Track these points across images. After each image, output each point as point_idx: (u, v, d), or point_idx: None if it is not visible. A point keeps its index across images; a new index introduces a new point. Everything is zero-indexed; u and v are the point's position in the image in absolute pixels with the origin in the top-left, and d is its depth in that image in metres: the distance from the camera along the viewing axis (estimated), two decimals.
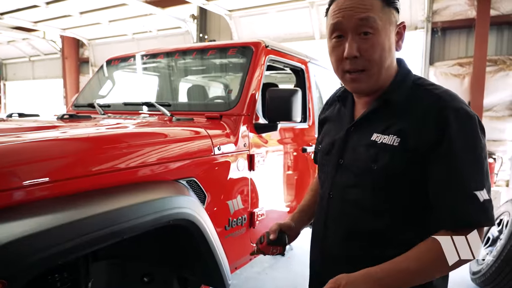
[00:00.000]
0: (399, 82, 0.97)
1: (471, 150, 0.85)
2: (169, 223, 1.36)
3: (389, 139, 0.91)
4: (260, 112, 2.29)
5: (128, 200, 1.24)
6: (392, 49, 0.95)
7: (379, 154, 0.92)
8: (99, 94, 3.05)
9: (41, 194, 1.10)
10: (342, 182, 1.02)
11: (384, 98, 0.96)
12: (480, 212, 0.83)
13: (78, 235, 1.04)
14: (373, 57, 0.92)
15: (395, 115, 0.93)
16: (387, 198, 0.93)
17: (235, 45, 2.53)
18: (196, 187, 1.78)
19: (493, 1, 4.56)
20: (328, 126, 1.20)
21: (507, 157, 4.73)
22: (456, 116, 0.85)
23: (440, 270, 0.88)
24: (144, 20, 7.40)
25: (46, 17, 7.60)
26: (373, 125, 0.97)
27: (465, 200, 0.83)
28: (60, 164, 1.18)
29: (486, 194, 0.84)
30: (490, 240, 3.28)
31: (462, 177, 0.84)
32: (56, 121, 1.86)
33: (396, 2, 0.95)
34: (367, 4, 0.90)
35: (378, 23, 0.90)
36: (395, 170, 0.90)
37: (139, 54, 2.98)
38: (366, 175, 0.95)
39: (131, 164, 1.42)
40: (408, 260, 0.86)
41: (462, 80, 4.86)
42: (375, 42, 0.91)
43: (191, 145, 1.79)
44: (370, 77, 0.94)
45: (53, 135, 1.35)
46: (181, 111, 2.38)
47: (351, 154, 1.01)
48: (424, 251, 0.86)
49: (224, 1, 6.06)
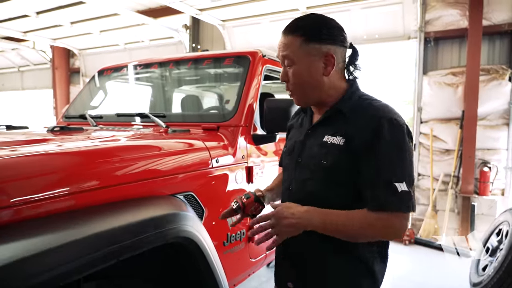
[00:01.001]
0: (347, 96, 1.20)
1: (396, 150, 1.06)
2: (167, 242, 1.29)
3: (337, 140, 1.14)
4: (258, 123, 2.23)
5: (123, 219, 1.16)
6: (313, 76, 1.17)
7: (328, 152, 1.14)
8: (90, 105, 2.96)
9: (29, 214, 1.02)
10: (300, 177, 1.24)
11: (335, 108, 1.20)
12: (395, 199, 1.03)
13: (66, 260, 0.95)
14: (293, 81, 1.19)
15: (343, 122, 1.15)
16: (336, 187, 1.14)
17: (231, 55, 2.48)
18: (194, 202, 1.70)
19: (485, 11, 4.60)
20: (292, 132, 1.43)
21: (502, 165, 4.73)
22: (389, 124, 1.07)
23: (361, 234, 1.09)
24: (136, 30, 7.33)
25: (36, 27, 7.48)
26: (325, 129, 1.20)
27: (384, 188, 1.05)
28: (50, 181, 1.10)
29: (405, 186, 1.04)
30: (490, 250, 3.25)
31: (384, 170, 1.05)
32: (46, 133, 1.78)
33: (319, 36, 1.15)
34: (288, 43, 1.17)
35: (294, 58, 1.16)
36: (340, 165, 1.12)
37: (132, 64, 2.91)
38: (319, 170, 1.17)
39: (126, 179, 1.34)
40: (341, 214, 1.09)
41: (455, 89, 4.88)
42: (294, 71, 1.18)
43: (188, 157, 1.72)
44: (297, 97, 1.22)
45: (43, 149, 1.27)
46: (176, 122, 2.32)
47: (307, 153, 1.23)
48: (355, 215, 1.08)
49: (217, 11, 6.04)
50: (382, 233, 1.08)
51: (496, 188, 4.77)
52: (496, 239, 3.26)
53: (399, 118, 1.10)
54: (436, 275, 3.71)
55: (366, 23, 5.43)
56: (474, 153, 4.68)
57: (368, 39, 5.46)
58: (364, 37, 5.45)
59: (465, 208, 4.77)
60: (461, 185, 4.80)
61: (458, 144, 4.82)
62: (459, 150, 4.83)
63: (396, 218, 1.05)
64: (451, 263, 4.13)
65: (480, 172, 4.73)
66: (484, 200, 4.64)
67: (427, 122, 5.17)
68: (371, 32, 5.45)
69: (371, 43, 5.45)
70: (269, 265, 3.64)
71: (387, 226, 1.05)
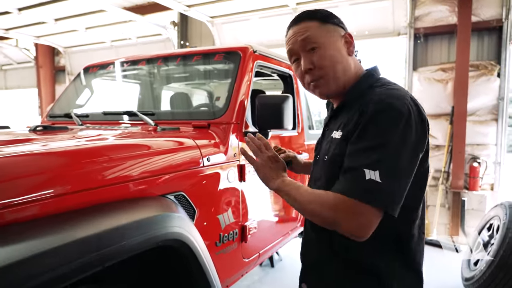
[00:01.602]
0: (355, 85, 1.11)
1: (376, 136, 0.93)
2: (157, 245, 1.23)
3: (337, 133, 1.07)
4: (250, 120, 2.18)
5: (109, 223, 1.10)
6: (342, 54, 1.10)
7: (330, 147, 1.09)
8: (76, 104, 2.87)
9: (8, 219, 0.95)
10: (315, 174, 1.20)
11: (344, 101, 1.13)
12: (357, 185, 0.90)
13: (46, 269, 0.89)
14: (323, 64, 1.08)
15: (347, 114, 1.07)
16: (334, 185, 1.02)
17: (221, 51, 2.41)
18: (185, 202, 1.64)
19: (474, 7, 4.62)
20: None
21: (491, 160, 4.77)
22: (379, 107, 0.95)
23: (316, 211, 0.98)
24: (123, 27, 7.19)
25: (18, 24, 7.28)
26: (335, 124, 1.13)
27: (351, 172, 0.93)
28: (31, 184, 1.03)
29: (378, 176, 0.89)
30: (481, 245, 3.26)
31: (357, 155, 0.94)
32: (29, 133, 1.69)
33: (333, 19, 1.12)
34: (305, 27, 1.10)
35: (318, 37, 1.08)
36: (336, 159, 1.03)
37: (119, 61, 2.83)
38: (323, 167, 1.11)
39: (113, 180, 1.28)
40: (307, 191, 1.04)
41: (445, 85, 4.90)
42: (321, 52, 1.08)
43: (178, 156, 1.65)
44: (327, 81, 1.10)
45: (24, 150, 1.19)
46: (166, 120, 2.25)
47: (321, 150, 1.18)
48: (316, 192, 1.01)
49: (205, 7, 5.95)
50: (331, 215, 0.94)
51: (485, 183, 4.82)
52: (487, 234, 3.27)
53: (398, 104, 0.95)
54: (428, 271, 3.69)
55: (355, 20, 5.42)
56: (464, 149, 4.70)
57: (358, 35, 5.45)
58: (354, 33, 5.38)
59: (455, 203, 4.80)
60: (451, 180, 4.83)
61: (448, 140, 4.85)
62: (449, 145, 4.85)
63: (356, 207, 0.90)
64: (442, 258, 4.14)
65: (470, 167, 4.76)
66: (474, 195, 4.68)
67: None
68: (361, 28, 5.44)
69: (360, 39, 5.45)
70: (261, 265, 3.60)
71: (341, 209, 0.92)
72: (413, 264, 1.06)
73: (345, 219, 0.91)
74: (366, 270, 1.04)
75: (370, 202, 0.89)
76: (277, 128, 2.04)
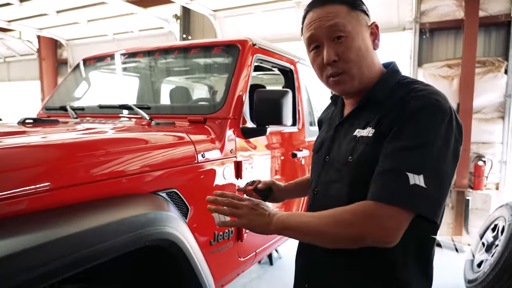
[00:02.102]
0: (382, 81, 1.00)
1: (419, 136, 0.84)
2: (144, 245, 1.17)
3: (366, 132, 0.94)
4: (248, 116, 2.11)
5: (93, 221, 1.04)
6: (368, 48, 0.99)
7: (355, 146, 0.95)
8: (73, 96, 2.82)
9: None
10: (326, 178, 1.06)
11: (367, 97, 1.00)
12: (402, 192, 0.81)
13: (26, 269, 0.84)
14: (350, 57, 0.96)
15: (375, 111, 0.96)
16: (362, 189, 0.90)
17: (220, 43, 2.34)
18: (178, 199, 1.59)
19: (481, 2, 4.51)
20: (323, 127, 1.26)
21: (496, 159, 4.68)
22: (415, 103, 0.86)
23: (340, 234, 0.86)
24: (125, 19, 7.12)
25: (20, 16, 7.23)
26: (356, 122, 1.01)
27: (392, 176, 0.83)
28: (11, 179, 0.98)
29: (423, 181, 0.80)
30: (485, 246, 3.18)
31: (398, 156, 0.84)
32: (17, 126, 1.64)
33: (362, 5, 1.00)
34: (333, 12, 0.96)
35: (348, 26, 0.95)
36: (367, 160, 0.91)
37: (117, 54, 2.76)
38: (344, 168, 0.98)
39: (100, 176, 1.22)
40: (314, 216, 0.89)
41: (451, 81, 4.79)
42: (349, 44, 0.95)
43: (171, 152, 1.59)
44: (351, 77, 0.98)
45: (5, 143, 1.14)
46: (162, 114, 2.19)
47: (336, 151, 1.05)
48: (329, 213, 0.88)
49: (208, 0, 5.87)
50: (359, 230, 0.83)
51: (490, 182, 4.73)
52: (491, 235, 3.20)
53: (442, 101, 0.87)
54: None
55: None
56: (469, 147, 4.61)
57: None
58: None
59: (459, 202, 4.72)
60: (455, 179, 4.74)
61: None
62: None
63: (397, 215, 0.81)
64: (445, 258, 4.07)
65: (475, 166, 4.67)
66: (479, 195, 4.60)
67: None
68: None
69: None
70: (260, 262, 3.55)
71: (370, 214, 0.82)
72: (428, 270, 1.00)
73: (379, 228, 0.81)
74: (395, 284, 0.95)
75: (415, 209, 0.81)
76: (275, 124, 1.98)
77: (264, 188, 1.35)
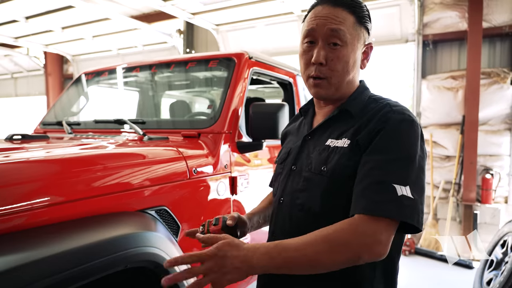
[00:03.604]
0: (356, 95, 1.03)
1: (403, 149, 0.87)
2: (125, 267, 1.11)
3: (342, 142, 0.95)
4: (244, 130, 2.07)
5: (71, 242, 0.99)
6: (356, 65, 1.00)
7: (329, 156, 0.96)
8: (71, 111, 2.80)
9: None
10: (292, 187, 1.04)
11: (340, 109, 1.02)
12: (392, 203, 0.81)
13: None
14: (336, 67, 0.97)
15: (351, 124, 0.97)
16: (335, 199, 0.93)
17: (216, 57, 2.31)
18: (168, 217, 1.53)
19: (485, 13, 4.45)
20: (288, 139, 1.23)
21: (504, 172, 4.56)
22: (396, 118, 0.90)
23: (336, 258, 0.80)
24: (129, 35, 7.20)
25: (27, 33, 7.34)
26: (328, 132, 1.02)
27: (379, 188, 0.83)
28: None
29: (410, 192, 0.83)
30: (494, 263, 3.06)
31: (384, 168, 0.85)
32: (3, 142, 1.61)
33: (368, 22, 1.01)
34: (341, 17, 0.96)
35: (348, 36, 0.96)
36: (342, 170, 0.92)
37: (114, 68, 2.75)
38: (315, 178, 0.97)
39: (84, 194, 1.17)
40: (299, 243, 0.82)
41: (455, 93, 4.72)
42: (341, 54, 0.96)
43: (161, 168, 1.54)
44: (330, 85, 0.99)
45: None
46: (157, 129, 2.15)
47: (304, 160, 1.04)
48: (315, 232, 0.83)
49: (210, 15, 5.90)
50: (356, 249, 0.79)
51: (499, 195, 4.60)
52: (500, 251, 3.08)
53: (413, 116, 0.92)
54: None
55: None
56: (475, 159, 4.51)
57: None
58: None
59: (467, 216, 4.59)
60: (462, 192, 4.63)
61: (459, 150, 4.66)
62: (460, 156, 4.66)
63: (387, 226, 0.80)
64: (453, 275, 3.94)
65: (482, 179, 4.56)
66: (487, 209, 4.47)
67: (426, 128, 5.01)
68: None
69: None
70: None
71: (363, 231, 0.80)
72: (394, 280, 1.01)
73: (374, 243, 0.80)
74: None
75: (405, 219, 0.82)
76: (271, 138, 1.93)
77: (234, 223, 1.10)
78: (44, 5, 5.77)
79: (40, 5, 5.74)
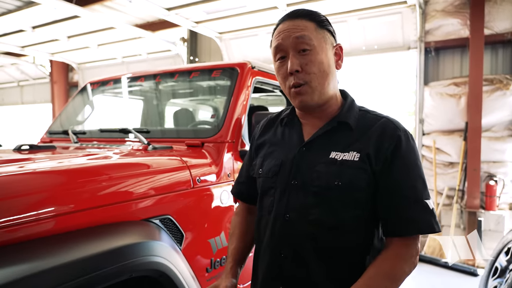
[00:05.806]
0: (348, 107, 1.06)
1: (418, 166, 0.98)
2: (130, 276, 1.14)
3: (350, 156, 0.97)
4: (247, 138, 2.09)
5: (77, 252, 1.02)
6: (331, 65, 1.03)
7: (342, 170, 0.97)
8: (76, 120, 2.84)
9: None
10: (299, 203, 1.01)
11: (338, 121, 1.03)
12: (431, 219, 0.94)
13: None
14: (312, 70, 0.99)
15: (353, 136, 1.01)
16: (352, 210, 0.97)
17: (219, 67, 2.35)
18: (172, 226, 1.55)
19: (487, 20, 4.48)
20: (268, 149, 1.16)
21: (508, 179, 4.55)
22: (405, 136, 0.98)
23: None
24: (133, 43, 7.30)
25: (33, 42, 7.46)
26: (329, 145, 1.02)
27: (419, 208, 0.94)
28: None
29: (431, 202, 0.96)
30: (498, 270, 3.05)
31: (415, 189, 0.95)
32: (12, 152, 1.64)
33: (328, 25, 1.06)
34: (301, 25, 1.01)
35: (313, 40, 1.00)
36: (358, 184, 0.96)
37: (119, 78, 2.80)
38: (329, 192, 0.97)
39: (86, 204, 1.20)
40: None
41: (458, 100, 4.73)
42: (313, 57, 1.00)
43: (165, 177, 1.57)
44: (312, 90, 1.01)
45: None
46: (162, 138, 2.18)
47: (306, 173, 1.01)
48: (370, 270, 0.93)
49: (213, 23, 5.97)
50: (409, 270, 0.95)
51: (503, 202, 4.58)
52: (505, 258, 3.06)
53: (408, 130, 1.03)
54: None
55: (364, 34, 5.33)
56: (479, 166, 4.50)
57: (367, 50, 5.35)
58: (363, 48, 5.34)
59: (471, 223, 4.58)
60: (466, 199, 4.62)
61: (462, 157, 4.66)
62: (464, 163, 4.66)
63: (416, 240, 0.96)
64: (458, 282, 3.92)
65: (486, 185, 4.54)
66: (491, 215, 4.45)
67: (429, 134, 5.02)
68: (370, 43, 5.35)
69: (370, 54, 5.34)
70: None
71: (415, 254, 0.96)
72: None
73: (416, 259, 0.96)
74: None
75: (439, 229, 0.97)
76: None
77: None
78: (51, 15, 5.87)
79: (46, 15, 5.84)
